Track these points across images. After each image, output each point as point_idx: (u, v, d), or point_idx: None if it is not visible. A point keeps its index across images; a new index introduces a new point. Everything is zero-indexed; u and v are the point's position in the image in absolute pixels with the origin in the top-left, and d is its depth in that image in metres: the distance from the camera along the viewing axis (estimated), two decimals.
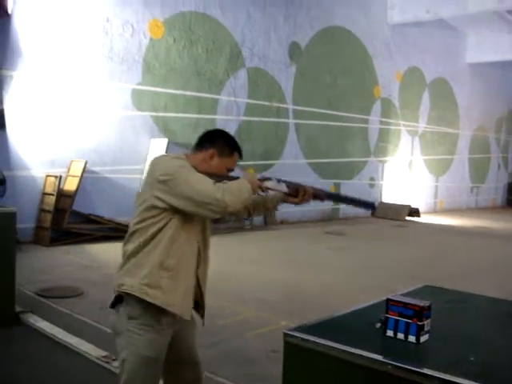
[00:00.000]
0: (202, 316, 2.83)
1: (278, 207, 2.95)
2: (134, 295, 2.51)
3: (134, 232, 2.59)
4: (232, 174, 2.77)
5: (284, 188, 2.79)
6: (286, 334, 2.39)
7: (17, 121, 9.53)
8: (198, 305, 2.78)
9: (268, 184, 2.76)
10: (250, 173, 2.61)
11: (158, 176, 2.50)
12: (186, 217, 2.56)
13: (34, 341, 5.07)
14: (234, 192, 2.48)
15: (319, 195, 2.83)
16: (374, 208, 2.76)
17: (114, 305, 2.57)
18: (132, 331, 2.52)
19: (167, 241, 2.53)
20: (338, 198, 2.96)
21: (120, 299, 2.54)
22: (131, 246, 2.58)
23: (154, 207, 2.53)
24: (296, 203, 2.80)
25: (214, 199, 2.42)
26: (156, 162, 2.64)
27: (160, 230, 2.53)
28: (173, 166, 2.52)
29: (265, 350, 4.92)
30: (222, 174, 2.69)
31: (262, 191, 2.75)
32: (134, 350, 2.52)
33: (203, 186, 2.45)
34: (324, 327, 2.52)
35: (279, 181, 2.79)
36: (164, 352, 2.61)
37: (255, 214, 2.97)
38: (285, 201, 2.86)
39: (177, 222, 2.54)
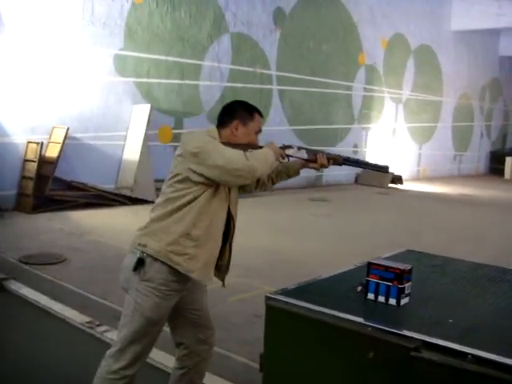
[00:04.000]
0: (223, 279, 2.97)
1: (299, 173, 3.12)
2: (156, 258, 2.63)
3: (166, 200, 2.72)
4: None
5: (304, 155, 2.97)
6: (267, 297, 2.41)
7: None
8: (222, 269, 2.94)
9: (289, 152, 2.95)
10: (272, 142, 2.84)
11: (191, 149, 2.64)
12: (216, 190, 2.71)
13: (17, 307, 5.05)
14: (261, 158, 2.69)
15: (336, 160, 2.99)
16: (387, 170, 3.03)
17: (136, 267, 2.65)
18: (141, 292, 2.64)
19: (196, 213, 2.67)
20: (354, 162, 3.07)
21: (142, 262, 2.64)
22: (160, 212, 2.71)
23: (189, 180, 2.66)
24: (315, 168, 3.01)
25: (244, 164, 2.59)
26: (188, 136, 2.82)
27: (190, 201, 2.67)
28: (203, 139, 2.69)
29: (247, 315, 4.96)
30: (252, 140, 2.85)
31: (283, 159, 2.92)
32: (139, 309, 2.65)
33: (232, 154, 2.62)
34: (306, 291, 2.54)
35: (299, 148, 2.97)
36: (166, 315, 2.75)
37: (277, 181, 3.15)
38: (305, 166, 3.05)
39: (207, 195, 2.68)
